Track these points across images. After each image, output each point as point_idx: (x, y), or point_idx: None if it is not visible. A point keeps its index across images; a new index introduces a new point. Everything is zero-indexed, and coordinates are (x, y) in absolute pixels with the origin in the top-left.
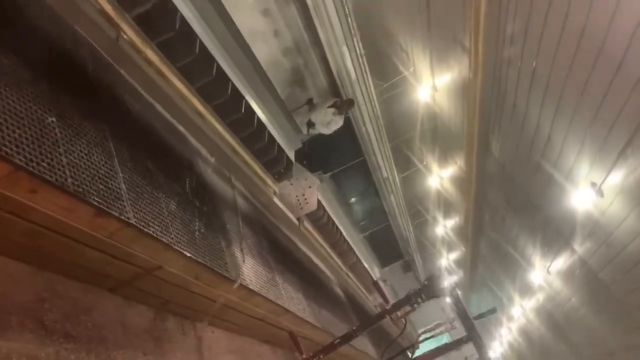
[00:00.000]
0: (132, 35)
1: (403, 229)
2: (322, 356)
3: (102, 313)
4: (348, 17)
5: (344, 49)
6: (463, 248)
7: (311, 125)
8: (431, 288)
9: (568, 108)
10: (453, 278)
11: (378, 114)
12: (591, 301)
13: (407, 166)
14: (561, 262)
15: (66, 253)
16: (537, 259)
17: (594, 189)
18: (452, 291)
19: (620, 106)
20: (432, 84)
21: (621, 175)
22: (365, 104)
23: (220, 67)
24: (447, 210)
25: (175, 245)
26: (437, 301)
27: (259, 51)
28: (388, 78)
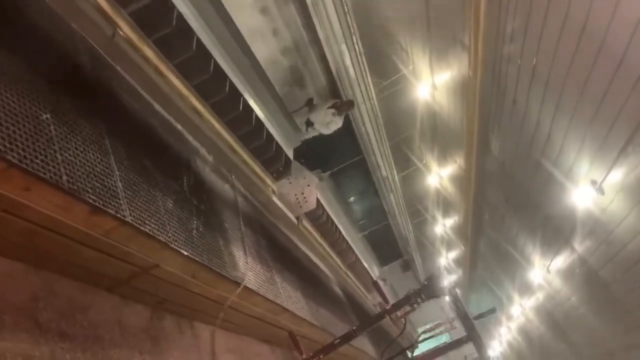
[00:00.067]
0: (129, 31)
1: (402, 228)
2: (322, 356)
3: (99, 312)
4: (347, 15)
5: (343, 48)
6: (462, 247)
7: (310, 124)
8: (431, 288)
9: (568, 106)
10: (452, 277)
11: (377, 113)
12: (591, 300)
13: (407, 165)
14: (561, 261)
15: (62, 252)
16: (537, 258)
17: (595, 187)
18: (452, 291)
19: (621, 104)
20: (432, 82)
21: (622, 173)
22: (364, 103)
23: (217, 65)
24: (447, 209)
25: (172, 243)
26: (437, 301)
27: (257, 49)
28: (387, 76)
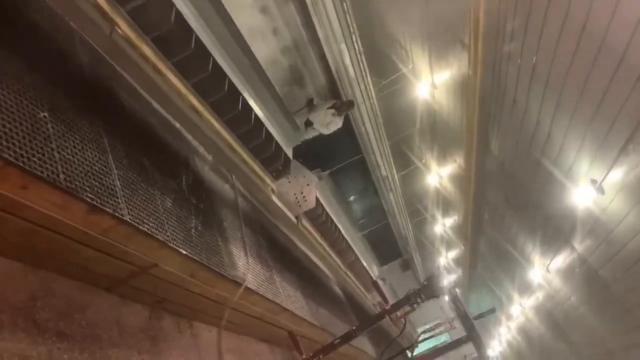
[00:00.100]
0: (127, 29)
1: (402, 228)
2: (322, 356)
3: (97, 311)
4: (347, 15)
5: (343, 47)
6: (462, 246)
7: (310, 124)
8: (431, 288)
9: (568, 104)
10: (452, 277)
11: (377, 112)
12: (591, 300)
13: (406, 164)
14: (561, 260)
15: (60, 251)
16: (537, 257)
17: (595, 186)
18: (452, 291)
19: (621, 102)
20: (431, 81)
21: (622, 172)
22: (364, 102)
23: (216, 63)
24: (446, 208)
25: (170, 242)
26: (437, 301)
27: (257, 48)
28: (387, 75)
